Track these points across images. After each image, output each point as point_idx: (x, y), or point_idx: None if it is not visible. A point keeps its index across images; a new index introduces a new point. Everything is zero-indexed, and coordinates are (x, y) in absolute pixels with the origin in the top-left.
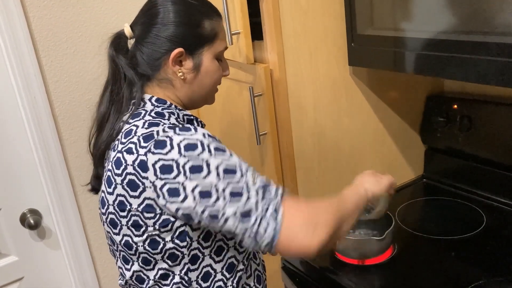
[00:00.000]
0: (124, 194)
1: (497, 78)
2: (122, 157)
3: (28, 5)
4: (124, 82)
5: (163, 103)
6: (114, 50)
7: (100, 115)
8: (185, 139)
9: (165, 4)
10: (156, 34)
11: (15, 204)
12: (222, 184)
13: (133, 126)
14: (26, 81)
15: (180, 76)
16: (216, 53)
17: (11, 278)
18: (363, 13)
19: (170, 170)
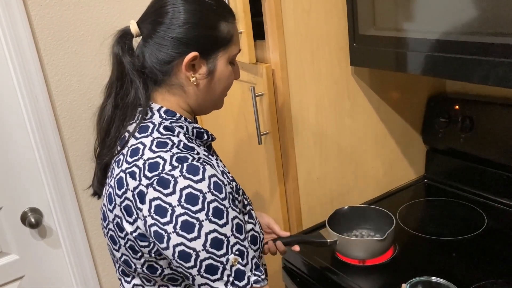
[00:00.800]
0: (121, 217)
1: (500, 79)
2: (124, 179)
3: (30, 4)
4: (130, 86)
5: (172, 115)
6: (121, 49)
7: (104, 121)
8: (189, 186)
9: (179, 3)
10: (169, 35)
11: (16, 202)
12: (204, 254)
13: (140, 144)
14: (28, 80)
15: (193, 81)
16: (230, 57)
17: (12, 277)
18: (365, 13)
19: (163, 213)
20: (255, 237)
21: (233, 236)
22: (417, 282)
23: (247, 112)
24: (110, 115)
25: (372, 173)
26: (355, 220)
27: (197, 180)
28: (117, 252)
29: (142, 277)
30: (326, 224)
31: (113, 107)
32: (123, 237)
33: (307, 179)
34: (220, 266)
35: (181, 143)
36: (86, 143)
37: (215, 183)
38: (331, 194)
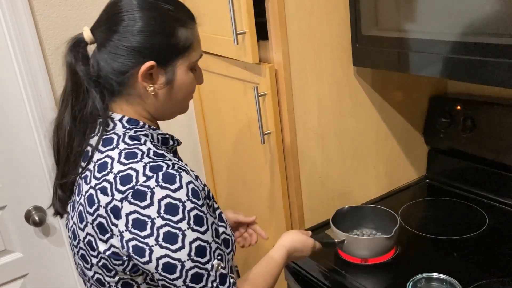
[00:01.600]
0: (94, 235)
1: (503, 80)
2: (95, 196)
3: (35, 3)
4: (87, 97)
5: (136, 124)
6: (74, 58)
7: (65, 135)
8: (167, 196)
9: (133, 10)
10: (123, 44)
11: (20, 201)
12: (189, 264)
13: (107, 157)
14: (32, 79)
15: (151, 91)
16: (191, 64)
17: (16, 275)
18: (368, 13)
19: (143, 226)
20: (227, 240)
21: (214, 241)
22: (420, 279)
23: (249, 111)
24: (70, 129)
25: (374, 172)
26: (356, 219)
27: (175, 189)
28: (89, 271)
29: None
30: (331, 224)
31: (72, 119)
32: (95, 256)
33: (309, 179)
34: (205, 273)
35: (150, 151)
36: None
37: (192, 190)
38: (333, 194)
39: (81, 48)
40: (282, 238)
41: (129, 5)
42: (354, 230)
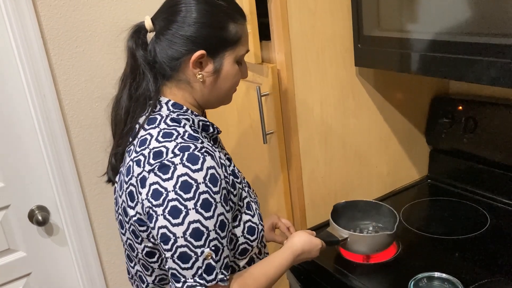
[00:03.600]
0: (126, 202)
1: (505, 80)
2: (132, 167)
3: (39, 4)
4: (142, 79)
5: (179, 108)
6: (134, 43)
7: (123, 112)
8: (186, 174)
9: (191, 2)
10: (178, 33)
11: (24, 200)
12: (181, 241)
13: (148, 135)
14: (36, 79)
15: (199, 78)
16: (237, 57)
17: (19, 274)
18: (370, 14)
19: (158, 196)
20: (253, 228)
21: (214, 231)
22: (421, 278)
23: (252, 111)
24: (127, 106)
25: (376, 172)
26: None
27: (195, 170)
28: (123, 236)
29: (142, 264)
30: (333, 222)
31: (128, 98)
32: (127, 221)
33: (312, 178)
34: (193, 257)
35: (186, 133)
36: (93, 141)
37: (211, 175)
38: (335, 193)
39: (141, 35)
40: (290, 240)
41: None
42: (353, 226)
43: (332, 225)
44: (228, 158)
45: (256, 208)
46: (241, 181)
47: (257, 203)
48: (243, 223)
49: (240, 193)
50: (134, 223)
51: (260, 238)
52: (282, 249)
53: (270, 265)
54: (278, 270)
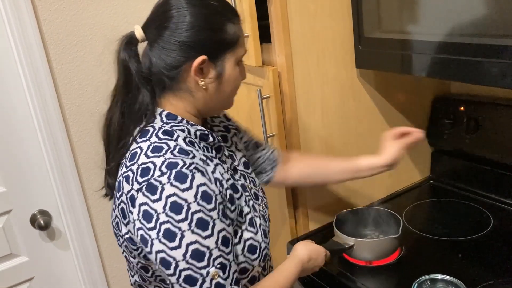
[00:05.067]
0: (119, 218)
1: (505, 81)
2: (122, 183)
3: (40, 9)
4: (137, 93)
5: (173, 118)
6: (127, 55)
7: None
8: (175, 194)
9: (183, 6)
10: (175, 40)
11: (26, 205)
12: (183, 265)
13: (138, 148)
14: (37, 84)
15: (202, 86)
16: (237, 58)
17: (22, 278)
18: (370, 16)
19: (149, 219)
20: (254, 246)
21: (217, 249)
22: (424, 280)
23: (253, 114)
24: (120, 123)
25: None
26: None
27: (184, 189)
28: (120, 247)
29: (140, 275)
30: (337, 231)
31: (121, 115)
32: (121, 236)
33: None
34: (200, 278)
35: (177, 147)
36: (95, 145)
37: (203, 192)
38: (337, 196)
39: (132, 46)
40: (295, 250)
41: (178, 2)
42: (357, 234)
43: (337, 234)
44: (234, 168)
45: (260, 224)
46: (241, 195)
47: (264, 217)
48: (243, 241)
49: (240, 209)
50: (126, 240)
51: (263, 257)
52: (290, 259)
53: (281, 275)
54: (289, 279)
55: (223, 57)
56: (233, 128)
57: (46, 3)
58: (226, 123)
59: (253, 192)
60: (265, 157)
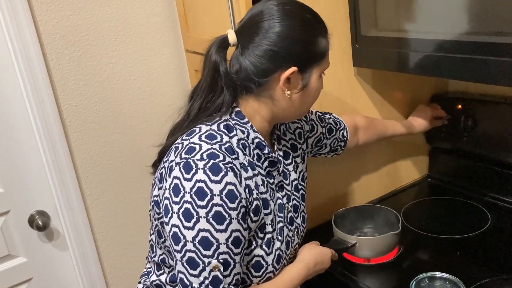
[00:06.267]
0: (157, 180)
1: (503, 78)
2: (171, 151)
3: (36, 9)
4: (220, 95)
5: (241, 118)
6: (220, 57)
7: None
8: (204, 181)
9: (281, 18)
10: (269, 48)
11: (24, 205)
12: (190, 246)
13: (198, 128)
14: (34, 84)
15: (287, 95)
16: (322, 71)
17: (20, 279)
18: (367, 14)
19: (177, 193)
20: (260, 265)
21: (225, 245)
22: (423, 278)
23: None
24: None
25: (376, 172)
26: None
27: (213, 180)
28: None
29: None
30: (338, 230)
31: (198, 109)
32: (152, 196)
33: (311, 179)
34: (201, 265)
35: (227, 144)
36: (93, 145)
37: (229, 191)
38: (336, 194)
39: (224, 49)
40: (300, 254)
41: (273, 13)
42: (356, 232)
43: (337, 233)
44: (280, 186)
45: (278, 249)
46: (271, 213)
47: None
48: (252, 255)
49: (262, 223)
50: (154, 202)
51: (265, 278)
52: (294, 263)
53: (282, 280)
54: (291, 285)
55: (311, 69)
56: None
57: (42, 4)
58: (296, 142)
59: (289, 216)
60: (339, 137)
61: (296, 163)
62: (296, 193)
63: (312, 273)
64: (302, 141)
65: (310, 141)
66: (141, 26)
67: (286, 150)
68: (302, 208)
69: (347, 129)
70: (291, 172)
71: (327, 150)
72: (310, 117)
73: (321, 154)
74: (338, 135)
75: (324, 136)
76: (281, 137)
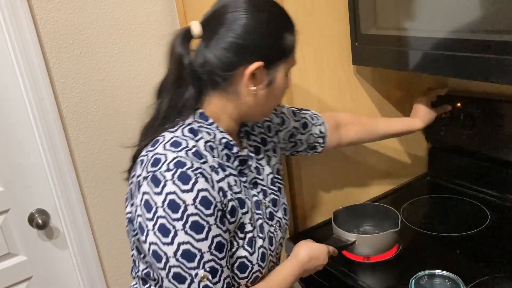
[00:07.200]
0: (128, 195)
1: (502, 76)
2: (137, 164)
3: (36, 7)
4: (185, 89)
5: (205, 119)
6: (184, 50)
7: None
8: (175, 193)
9: (249, 10)
10: (235, 41)
11: (23, 204)
12: (173, 262)
13: (161, 137)
14: (34, 83)
15: (252, 91)
16: (288, 69)
17: (20, 278)
18: (367, 12)
19: (149, 209)
20: (245, 266)
21: (209, 253)
22: (422, 276)
23: None
24: (166, 115)
25: (375, 171)
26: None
27: (184, 190)
28: None
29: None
30: (337, 228)
31: (168, 107)
32: (126, 212)
33: (311, 178)
34: (188, 278)
35: (193, 148)
36: (92, 144)
37: (203, 197)
38: (335, 192)
39: (187, 41)
40: (294, 250)
41: (241, 5)
42: (356, 230)
43: (337, 231)
44: (254, 183)
45: (261, 246)
46: (248, 212)
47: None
48: (236, 257)
49: (240, 224)
50: (128, 219)
51: (252, 279)
52: (288, 260)
53: (276, 277)
54: (285, 281)
55: (277, 65)
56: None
57: (42, 2)
58: (265, 135)
59: (269, 212)
60: (316, 133)
61: (268, 157)
62: (273, 186)
63: (308, 270)
64: (272, 134)
65: (282, 135)
66: (141, 25)
67: (256, 145)
68: (283, 201)
69: (325, 124)
70: (265, 166)
71: (304, 147)
72: (280, 110)
73: (298, 151)
74: (314, 130)
75: (297, 131)
76: (250, 132)
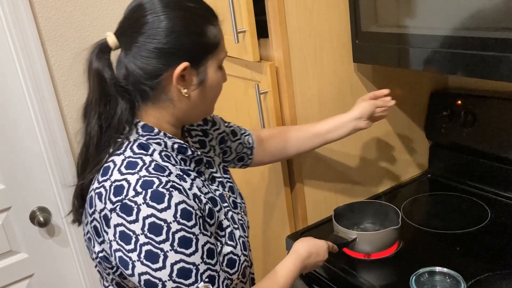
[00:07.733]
0: (92, 235)
1: (504, 74)
2: (94, 199)
3: (37, 5)
4: (115, 105)
5: (150, 130)
6: (102, 64)
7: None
8: (152, 215)
9: (159, 10)
10: (154, 46)
11: (25, 202)
12: (171, 284)
13: (111, 163)
14: (35, 81)
15: (184, 94)
16: (219, 62)
17: (22, 275)
18: (367, 10)
19: (128, 240)
20: (233, 260)
21: (203, 263)
22: (422, 273)
23: (251, 109)
24: (98, 138)
25: (376, 168)
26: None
27: (162, 209)
28: (93, 261)
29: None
30: (338, 226)
31: (99, 128)
32: (95, 252)
33: (312, 175)
34: None
35: (152, 163)
36: None
37: (182, 210)
38: (335, 190)
39: (105, 54)
40: (294, 246)
41: (154, 6)
42: (356, 227)
43: (338, 228)
44: (212, 178)
45: (240, 236)
46: (220, 208)
47: (243, 226)
48: (223, 255)
49: (219, 222)
50: (99, 258)
51: (242, 270)
52: (288, 257)
53: (280, 274)
54: (289, 278)
55: (205, 62)
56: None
57: (43, 0)
58: (203, 126)
59: (232, 201)
60: (244, 142)
61: (213, 146)
62: (226, 175)
63: (309, 265)
64: (209, 127)
65: (215, 134)
66: None
67: (200, 138)
68: (237, 187)
69: (252, 136)
70: (214, 158)
71: (233, 157)
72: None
73: (227, 161)
74: (244, 139)
75: (228, 137)
76: (190, 128)
